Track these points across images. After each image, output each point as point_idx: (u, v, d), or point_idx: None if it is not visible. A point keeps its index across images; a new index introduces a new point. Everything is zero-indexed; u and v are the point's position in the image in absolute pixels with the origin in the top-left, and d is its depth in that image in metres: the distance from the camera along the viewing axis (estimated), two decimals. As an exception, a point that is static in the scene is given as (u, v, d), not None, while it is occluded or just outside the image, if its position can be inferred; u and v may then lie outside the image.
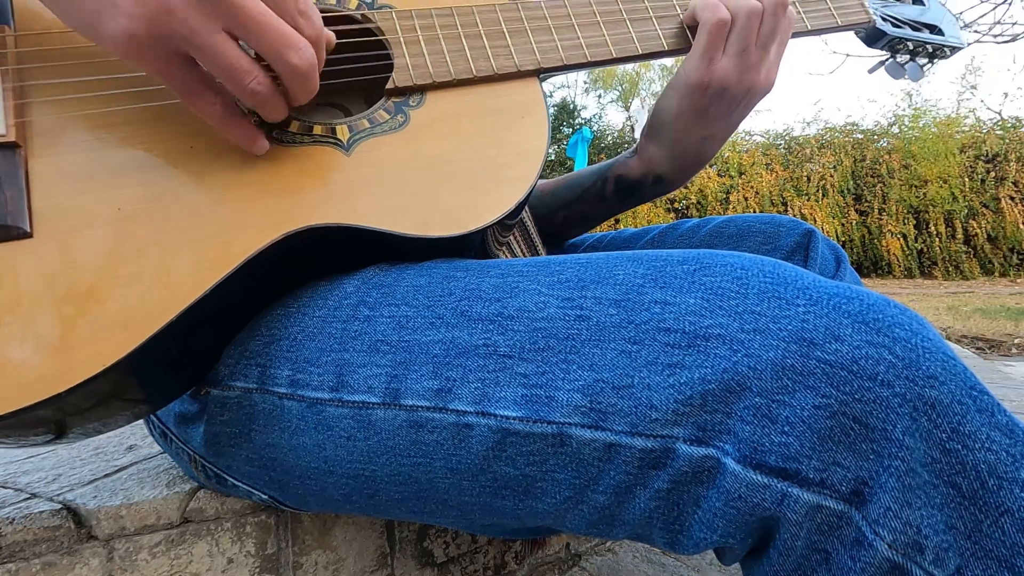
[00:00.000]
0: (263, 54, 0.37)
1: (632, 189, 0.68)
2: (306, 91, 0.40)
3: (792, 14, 0.59)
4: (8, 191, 0.37)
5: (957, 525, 0.28)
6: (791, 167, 10.74)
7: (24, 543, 0.44)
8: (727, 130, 0.62)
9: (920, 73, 0.74)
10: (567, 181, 0.73)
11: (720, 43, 0.57)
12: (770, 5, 0.56)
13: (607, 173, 0.69)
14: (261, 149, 0.41)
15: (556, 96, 14.55)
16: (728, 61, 0.57)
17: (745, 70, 0.58)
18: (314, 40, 0.39)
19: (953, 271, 9.58)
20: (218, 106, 0.39)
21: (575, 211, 0.72)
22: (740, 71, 0.57)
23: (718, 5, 0.56)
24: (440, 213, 0.44)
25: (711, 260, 0.34)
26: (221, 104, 0.39)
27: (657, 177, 0.66)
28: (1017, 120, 10.10)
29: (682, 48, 0.58)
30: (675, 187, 0.67)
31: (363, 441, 0.38)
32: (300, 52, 0.37)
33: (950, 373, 0.28)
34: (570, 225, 0.74)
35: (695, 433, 0.31)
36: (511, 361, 0.34)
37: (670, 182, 0.66)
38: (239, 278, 0.40)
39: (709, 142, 0.63)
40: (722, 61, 0.57)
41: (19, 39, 0.40)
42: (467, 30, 0.51)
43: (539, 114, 0.50)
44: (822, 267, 0.65)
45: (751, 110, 0.62)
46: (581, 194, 0.71)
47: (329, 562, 0.57)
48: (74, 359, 0.35)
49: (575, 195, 0.71)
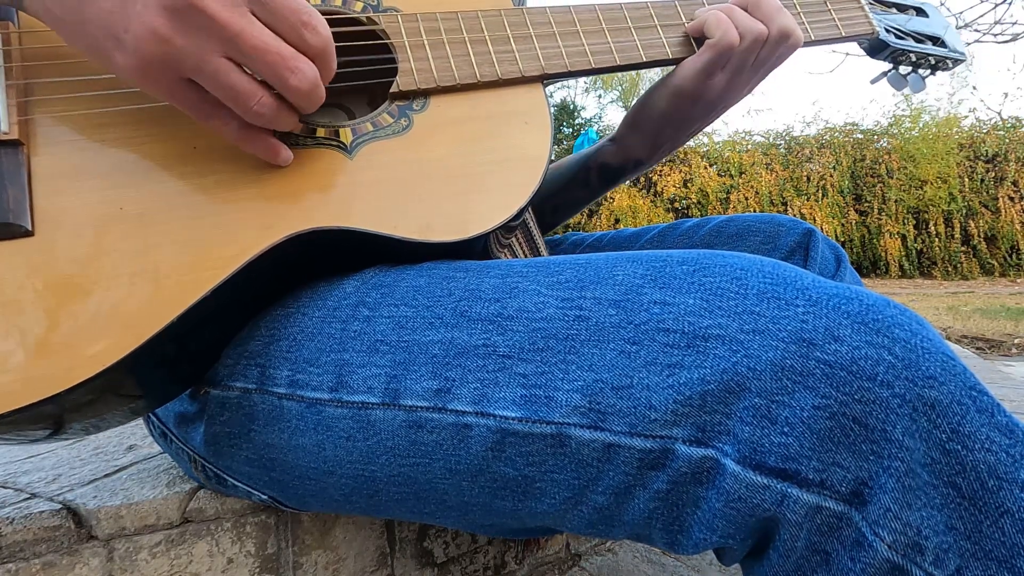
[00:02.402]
0: (264, 78, 0.38)
1: (615, 175, 0.72)
2: (312, 106, 0.40)
3: (796, 41, 0.60)
4: (10, 189, 0.37)
5: (957, 526, 0.28)
6: (791, 167, 10.74)
7: (24, 543, 0.44)
8: (705, 126, 0.67)
9: (922, 84, 0.75)
10: (551, 173, 0.75)
11: (723, 62, 0.58)
12: (776, 33, 0.58)
13: (589, 163, 0.72)
14: (286, 160, 0.42)
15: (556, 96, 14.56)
16: (723, 78, 0.60)
17: (736, 87, 0.61)
18: (320, 50, 0.38)
19: (952, 271, 9.58)
20: (233, 124, 0.39)
21: (562, 199, 0.75)
22: (731, 88, 0.61)
23: (730, 27, 0.57)
24: (442, 218, 0.44)
25: (710, 260, 0.34)
26: (236, 122, 0.39)
27: (637, 161, 0.70)
28: (1017, 120, 10.10)
29: (686, 57, 0.59)
30: (652, 166, 0.72)
31: (362, 441, 0.38)
32: (298, 74, 0.37)
33: (950, 373, 0.28)
34: (559, 212, 0.76)
35: (694, 434, 0.31)
36: (510, 361, 0.34)
37: (648, 164, 0.71)
38: (240, 280, 0.40)
39: (688, 136, 0.67)
40: (717, 77, 0.59)
41: (23, 37, 0.40)
42: (472, 35, 0.51)
43: (542, 120, 0.50)
44: (822, 267, 0.65)
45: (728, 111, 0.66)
46: (566, 184, 0.73)
47: (329, 562, 0.57)
48: (75, 358, 0.35)
49: (560, 185, 0.74)
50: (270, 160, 0.42)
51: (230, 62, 0.36)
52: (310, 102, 0.39)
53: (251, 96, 0.37)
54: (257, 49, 0.36)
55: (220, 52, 0.36)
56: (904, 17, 0.73)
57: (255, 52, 0.36)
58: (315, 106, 0.40)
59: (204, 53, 0.35)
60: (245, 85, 0.37)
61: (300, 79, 0.37)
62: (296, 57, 0.37)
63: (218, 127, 0.39)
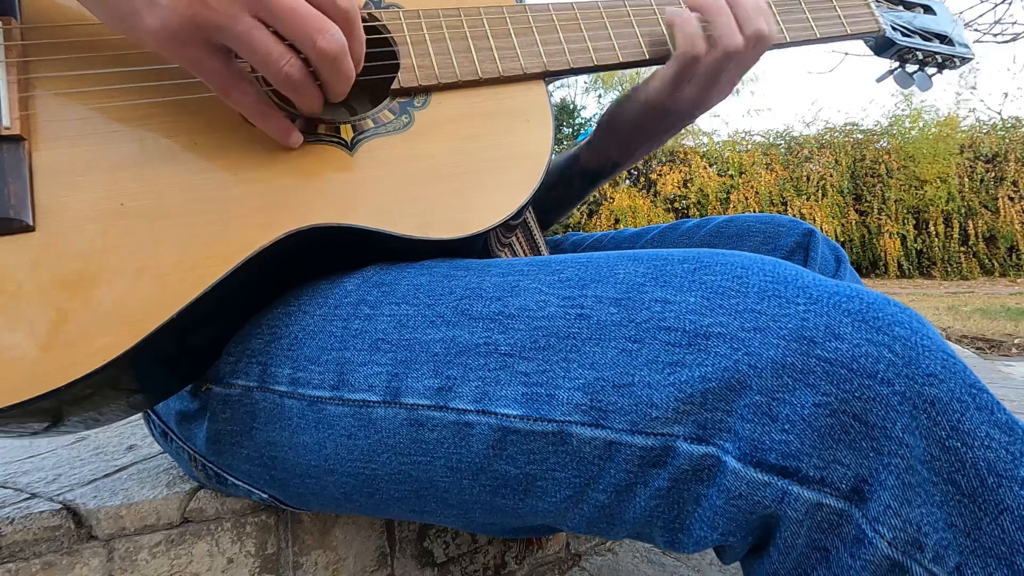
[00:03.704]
0: (292, 39, 0.38)
1: (595, 177, 0.72)
2: (339, 76, 0.40)
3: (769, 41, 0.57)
4: (12, 184, 0.37)
5: (957, 523, 0.28)
6: (791, 167, 10.74)
7: (24, 543, 0.44)
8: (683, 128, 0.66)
9: (928, 83, 0.74)
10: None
11: (689, 74, 0.56)
12: (752, 38, 0.56)
13: (571, 167, 0.72)
14: (295, 142, 0.42)
15: (556, 96, 14.56)
16: (693, 90, 0.57)
17: (708, 98, 0.59)
18: (345, 14, 0.39)
19: (952, 271, 9.58)
20: (252, 96, 0.40)
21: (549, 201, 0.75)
22: (703, 99, 0.59)
23: (696, 38, 0.54)
24: (442, 215, 0.44)
25: (711, 259, 0.34)
26: (255, 95, 0.40)
27: (614, 163, 0.70)
28: (1017, 120, 10.10)
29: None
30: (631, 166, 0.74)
31: (363, 440, 0.38)
32: (327, 35, 0.38)
33: (949, 371, 0.28)
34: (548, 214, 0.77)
35: (695, 431, 0.31)
36: (512, 359, 0.35)
37: (626, 165, 0.72)
38: (240, 276, 0.40)
39: (661, 143, 0.67)
40: (688, 90, 0.57)
41: (25, 31, 0.40)
42: (473, 31, 0.51)
43: (543, 117, 0.50)
44: (822, 267, 0.65)
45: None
46: (551, 187, 0.74)
47: (329, 562, 0.57)
48: (75, 353, 0.35)
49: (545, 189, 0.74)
50: (282, 141, 0.42)
51: (261, 23, 0.37)
52: (338, 71, 0.40)
53: (281, 57, 0.38)
54: (285, 8, 0.37)
55: (251, 12, 0.37)
56: (911, 15, 0.73)
57: (284, 12, 0.37)
58: (343, 80, 0.41)
59: (236, 13, 0.36)
60: (276, 46, 0.38)
61: (328, 40, 0.38)
62: (325, 19, 0.38)
63: (237, 99, 0.40)
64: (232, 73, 0.39)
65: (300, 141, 0.43)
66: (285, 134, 0.42)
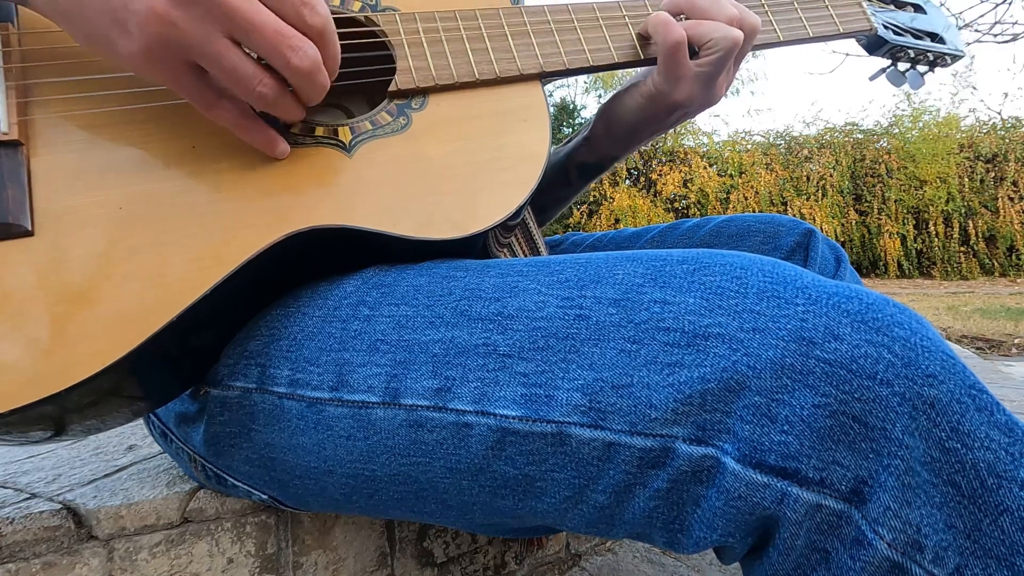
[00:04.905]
0: (265, 57, 0.38)
1: (593, 171, 0.72)
2: (314, 89, 0.40)
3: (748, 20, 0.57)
4: (10, 189, 0.37)
5: (956, 524, 0.28)
6: (791, 167, 10.74)
7: (24, 543, 0.44)
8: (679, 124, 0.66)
9: (920, 81, 0.75)
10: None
11: (680, 61, 0.55)
12: (749, 30, 0.56)
13: (568, 163, 0.72)
14: (283, 153, 0.42)
15: (556, 96, 14.56)
16: (697, 86, 0.57)
17: (711, 93, 0.59)
18: (319, 29, 0.39)
19: (952, 271, 9.58)
20: (232, 112, 0.40)
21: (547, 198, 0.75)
22: (707, 94, 0.59)
23: (669, 25, 0.54)
24: (441, 215, 0.44)
25: (710, 259, 0.34)
26: (236, 110, 0.40)
27: (612, 158, 0.70)
28: (1016, 120, 10.10)
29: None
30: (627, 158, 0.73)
31: (363, 441, 0.38)
32: (299, 53, 0.37)
33: (949, 372, 0.28)
34: (546, 211, 0.76)
35: (694, 432, 0.31)
36: (511, 360, 0.34)
37: (623, 158, 0.72)
38: (239, 279, 0.40)
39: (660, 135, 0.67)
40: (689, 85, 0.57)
41: (23, 37, 0.40)
42: (470, 33, 0.51)
43: (541, 117, 0.50)
44: (822, 267, 0.65)
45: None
46: (548, 184, 0.73)
47: (329, 562, 0.57)
48: (75, 357, 0.35)
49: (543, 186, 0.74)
50: (268, 152, 0.42)
51: (234, 43, 0.37)
52: (312, 85, 0.39)
53: (252, 78, 0.38)
54: (257, 27, 0.36)
55: (223, 32, 0.36)
56: (903, 14, 0.73)
57: (256, 30, 0.36)
58: (318, 92, 0.40)
59: (207, 33, 0.36)
60: (248, 66, 0.37)
61: (301, 57, 0.37)
62: (297, 36, 0.37)
63: (219, 115, 0.40)
64: (210, 91, 0.39)
65: (287, 151, 0.42)
66: (270, 145, 0.42)
